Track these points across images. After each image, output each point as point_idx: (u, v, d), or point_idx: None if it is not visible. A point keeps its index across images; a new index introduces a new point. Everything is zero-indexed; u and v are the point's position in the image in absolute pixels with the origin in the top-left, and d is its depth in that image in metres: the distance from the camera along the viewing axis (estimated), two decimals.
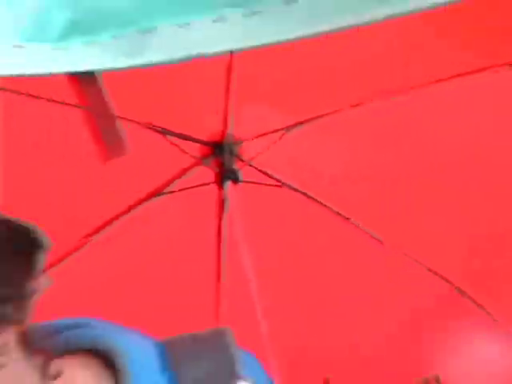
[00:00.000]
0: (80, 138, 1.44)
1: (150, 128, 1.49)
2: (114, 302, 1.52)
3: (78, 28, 0.84)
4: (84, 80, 1.13)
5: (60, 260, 1.58)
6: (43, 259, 1.13)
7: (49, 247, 1.20)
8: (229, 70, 1.48)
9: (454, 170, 1.76)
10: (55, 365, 1.10)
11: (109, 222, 1.60)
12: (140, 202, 1.59)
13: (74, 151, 1.49)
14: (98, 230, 1.61)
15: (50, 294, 1.21)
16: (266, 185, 1.66)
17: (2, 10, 0.89)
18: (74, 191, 1.54)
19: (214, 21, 0.76)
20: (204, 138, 1.56)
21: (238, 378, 1.20)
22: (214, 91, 1.52)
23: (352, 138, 1.69)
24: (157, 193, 1.58)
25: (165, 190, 1.59)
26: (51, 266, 1.55)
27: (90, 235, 1.60)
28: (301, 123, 1.59)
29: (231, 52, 1.41)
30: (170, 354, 1.19)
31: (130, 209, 1.60)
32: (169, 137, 1.54)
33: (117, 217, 1.60)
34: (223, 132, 1.54)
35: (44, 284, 1.17)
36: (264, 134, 1.58)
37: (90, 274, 1.60)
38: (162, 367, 1.16)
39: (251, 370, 1.23)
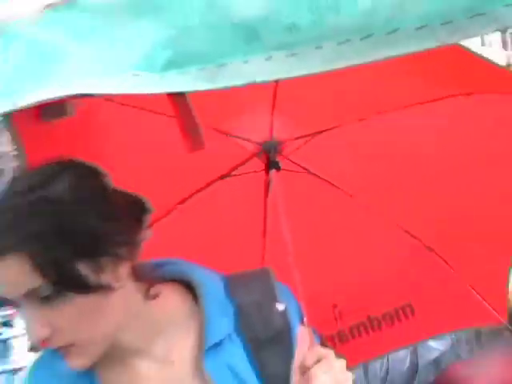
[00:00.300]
0: (172, 137, 1.55)
1: (218, 131, 1.46)
2: (189, 254, 1.58)
3: (174, 63, 0.84)
4: (177, 97, 1.19)
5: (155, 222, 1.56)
6: (148, 219, 1.20)
7: (151, 211, 1.27)
8: (275, 90, 1.46)
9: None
10: (154, 289, 1.16)
11: (190, 196, 1.56)
12: (211, 182, 1.57)
13: (169, 146, 1.42)
14: (183, 201, 1.57)
15: (150, 243, 1.28)
16: (298, 172, 1.64)
17: (121, 50, 0.94)
18: (167, 174, 1.51)
19: (266, 59, 0.77)
20: (257, 139, 1.54)
21: (277, 301, 1.26)
22: (263, 104, 1.48)
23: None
24: (224, 176, 1.57)
25: (230, 174, 1.58)
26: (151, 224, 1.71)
27: (179, 203, 1.57)
28: (329, 129, 1.58)
29: (276, 81, 1.48)
30: (231, 285, 1.27)
31: (206, 186, 1.57)
32: (232, 138, 1.51)
33: (197, 192, 1.58)
34: (270, 134, 1.52)
35: (147, 235, 1.23)
36: (300, 137, 1.56)
37: (177, 231, 1.56)
38: (226, 294, 1.21)
39: (286, 296, 1.32)
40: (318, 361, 1.15)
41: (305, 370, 1.15)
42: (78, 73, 0.90)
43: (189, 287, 1.23)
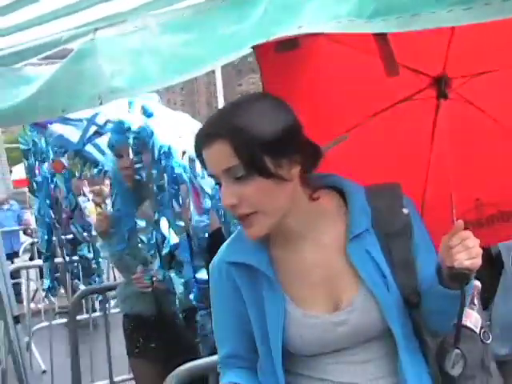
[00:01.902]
0: (367, 69, 1.68)
1: (402, 65, 1.61)
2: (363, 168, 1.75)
3: (379, 12, 1.05)
4: (380, 37, 1.41)
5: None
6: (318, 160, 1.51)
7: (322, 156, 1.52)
8: (451, 35, 1.66)
9: None
10: (316, 193, 1.50)
11: (377, 113, 1.81)
12: (394, 104, 1.80)
13: (364, 75, 1.72)
14: (372, 116, 1.81)
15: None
16: (460, 102, 1.84)
17: (339, 3, 1.15)
18: (363, 96, 1.76)
19: (447, 11, 0.98)
20: (432, 73, 1.76)
21: (403, 206, 1.55)
22: (440, 46, 1.68)
23: None
24: (405, 99, 1.79)
25: (409, 98, 1.79)
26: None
27: (370, 116, 1.82)
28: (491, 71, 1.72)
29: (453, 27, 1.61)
30: (370, 193, 1.57)
31: (390, 107, 1.80)
32: (413, 71, 1.72)
33: (382, 111, 1.81)
34: (444, 70, 1.74)
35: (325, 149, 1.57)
36: (467, 75, 1.76)
37: (364, 141, 1.80)
38: (366, 199, 1.56)
39: (409, 205, 1.58)
40: (461, 241, 1.38)
41: (450, 248, 1.39)
42: (309, 18, 1.17)
43: (340, 193, 1.58)
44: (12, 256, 8.96)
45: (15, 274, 7.46)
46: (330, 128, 1.74)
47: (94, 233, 3.96)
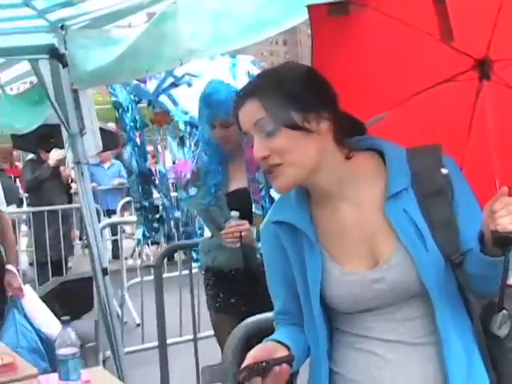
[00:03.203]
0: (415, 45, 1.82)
1: (451, 47, 1.77)
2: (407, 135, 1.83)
3: None
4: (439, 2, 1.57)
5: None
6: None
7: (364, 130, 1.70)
8: (497, 16, 1.75)
9: None
10: (352, 153, 1.62)
11: (422, 91, 1.94)
12: (439, 83, 1.92)
13: (412, 53, 1.85)
14: (416, 94, 1.92)
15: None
16: (501, 84, 1.96)
17: None
18: (410, 74, 1.89)
19: None
20: (477, 55, 1.89)
21: (443, 167, 1.63)
22: (486, 29, 1.80)
23: None
24: (447, 80, 1.91)
25: (452, 79, 1.90)
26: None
27: (414, 94, 1.93)
28: None
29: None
30: (410, 154, 1.63)
31: (435, 85, 1.92)
32: (460, 53, 1.83)
33: (427, 89, 1.93)
34: (487, 53, 1.87)
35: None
36: (509, 59, 1.86)
37: (397, 124, 1.90)
38: (406, 160, 1.62)
39: (451, 165, 1.66)
40: (505, 205, 1.43)
41: (493, 212, 1.43)
42: None
43: (380, 155, 1.67)
44: (109, 213, 9.29)
45: (114, 231, 8.09)
46: (371, 104, 1.84)
47: None
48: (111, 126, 8.25)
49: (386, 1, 1.62)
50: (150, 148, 4.82)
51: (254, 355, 1.58)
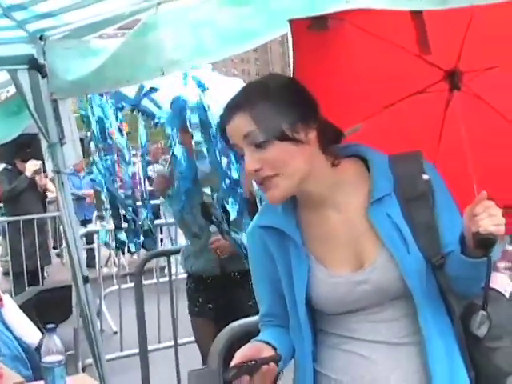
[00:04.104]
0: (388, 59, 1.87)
1: (422, 59, 1.83)
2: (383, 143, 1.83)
3: None
4: (416, 15, 1.62)
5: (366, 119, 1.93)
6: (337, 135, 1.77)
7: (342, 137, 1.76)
8: (467, 27, 1.79)
9: None
10: (338, 160, 1.68)
11: (394, 103, 2.00)
12: (411, 95, 1.99)
13: (384, 66, 1.91)
14: (388, 106, 1.97)
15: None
16: (470, 95, 2.01)
17: None
18: (382, 87, 1.93)
19: None
20: (446, 67, 1.94)
21: (424, 173, 1.69)
22: (455, 40, 1.84)
23: None
24: (419, 92, 1.99)
25: (423, 91, 1.95)
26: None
27: (386, 107, 1.98)
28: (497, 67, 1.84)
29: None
30: (392, 161, 1.71)
31: (407, 97, 1.97)
32: (431, 65, 1.88)
33: (398, 101, 2.00)
34: (456, 64, 1.93)
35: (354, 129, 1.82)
36: (477, 70, 1.91)
37: (380, 127, 1.96)
38: (389, 166, 1.70)
39: (431, 171, 1.72)
40: (485, 209, 1.49)
41: (473, 215, 1.49)
42: None
43: (364, 161, 1.74)
44: (85, 223, 9.33)
45: (89, 240, 8.11)
46: (347, 115, 1.89)
47: None
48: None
49: (361, 15, 1.67)
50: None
51: (241, 354, 1.65)
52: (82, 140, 3.86)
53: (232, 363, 1.63)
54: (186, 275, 3.95)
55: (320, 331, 1.78)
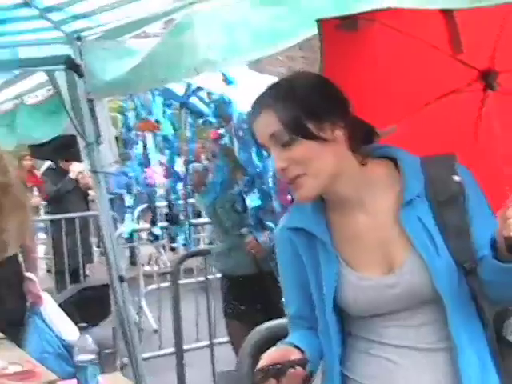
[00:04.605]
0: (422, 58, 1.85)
1: (454, 58, 1.81)
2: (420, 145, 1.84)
3: None
4: (448, 14, 1.62)
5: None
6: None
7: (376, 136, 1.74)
8: (503, 21, 1.76)
9: None
10: (367, 160, 1.67)
11: (430, 102, 1.96)
12: (447, 94, 1.95)
13: (420, 65, 1.88)
14: (427, 104, 1.94)
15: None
16: (505, 95, 1.99)
17: None
18: (419, 85, 1.91)
19: None
20: (481, 67, 1.93)
21: (456, 174, 1.65)
22: (488, 38, 1.82)
23: None
24: (453, 91, 1.95)
25: (458, 91, 1.92)
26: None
27: (425, 105, 1.94)
28: None
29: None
30: (424, 162, 1.69)
31: (443, 96, 1.95)
32: (466, 65, 1.86)
33: (436, 99, 1.96)
34: (491, 64, 1.91)
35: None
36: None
37: (406, 138, 1.90)
38: (420, 168, 1.67)
39: (464, 174, 1.70)
40: None
41: (506, 219, 1.45)
42: None
43: (394, 163, 1.71)
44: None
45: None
46: (381, 116, 1.86)
47: None
48: None
49: (393, 16, 1.65)
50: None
51: (269, 356, 1.64)
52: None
53: (258, 366, 1.62)
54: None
55: (349, 335, 1.76)
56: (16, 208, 3.07)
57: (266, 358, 1.64)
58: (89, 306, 5.93)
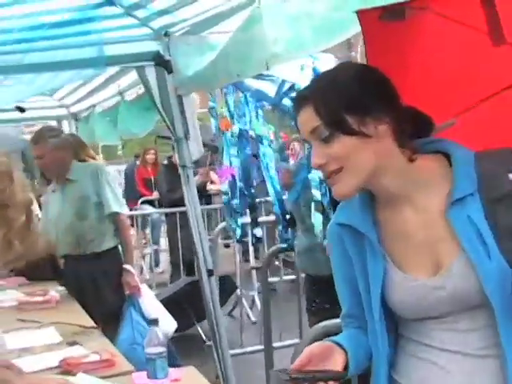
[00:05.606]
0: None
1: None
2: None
3: None
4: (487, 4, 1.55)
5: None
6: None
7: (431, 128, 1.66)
8: None
9: None
10: (418, 156, 1.59)
11: (487, 98, 1.86)
12: (503, 89, 1.84)
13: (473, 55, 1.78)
14: (484, 100, 1.84)
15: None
16: None
17: None
18: (474, 79, 1.81)
19: None
20: None
21: (510, 172, 1.56)
22: None
23: None
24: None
25: None
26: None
27: (482, 100, 1.85)
28: None
29: None
30: (478, 158, 1.61)
31: (502, 90, 1.84)
32: None
33: (492, 95, 1.85)
34: None
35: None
36: None
37: (467, 132, 1.81)
38: (474, 164, 1.59)
39: None
40: None
41: None
42: None
43: (448, 158, 1.62)
44: None
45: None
46: (436, 110, 1.75)
47: None
48: None
49: (448, 4, 1.57)
50: None
51: (309, 352, 1.62)
52: None
53: (295, 363, 1.59)
54: None
55: (400, 336, 1.71)
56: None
57: (305, 354, 1.61)
58: (198, 298, 6.06)
